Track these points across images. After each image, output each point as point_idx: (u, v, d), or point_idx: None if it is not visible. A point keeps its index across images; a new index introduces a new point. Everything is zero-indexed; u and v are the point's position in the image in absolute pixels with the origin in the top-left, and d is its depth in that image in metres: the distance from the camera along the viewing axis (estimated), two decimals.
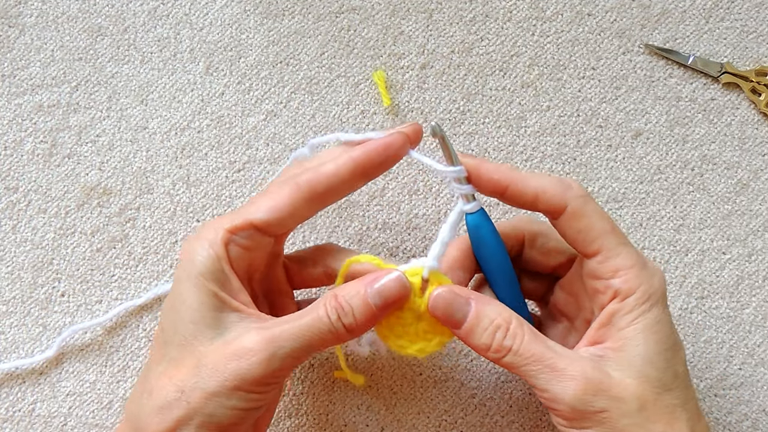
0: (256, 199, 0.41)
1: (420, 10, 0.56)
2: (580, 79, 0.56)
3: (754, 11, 0.57)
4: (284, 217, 0.40)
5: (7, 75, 0.55)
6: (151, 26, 0.56)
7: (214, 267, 0.39)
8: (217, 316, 0.39)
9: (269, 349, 0.38)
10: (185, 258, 0.40)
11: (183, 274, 0.40)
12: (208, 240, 0.40)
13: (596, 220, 0.40)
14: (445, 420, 0.51)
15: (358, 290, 0.39)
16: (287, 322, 0.39)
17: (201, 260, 0.40)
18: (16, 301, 0.53)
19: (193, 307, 0.39)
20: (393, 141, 0.41)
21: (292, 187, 0.40)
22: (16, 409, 0.51)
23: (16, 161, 0.54)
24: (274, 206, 0.40)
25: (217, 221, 0.41)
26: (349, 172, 0.40)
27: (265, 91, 0.56)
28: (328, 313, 0.39)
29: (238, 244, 0.40)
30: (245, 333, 0.39)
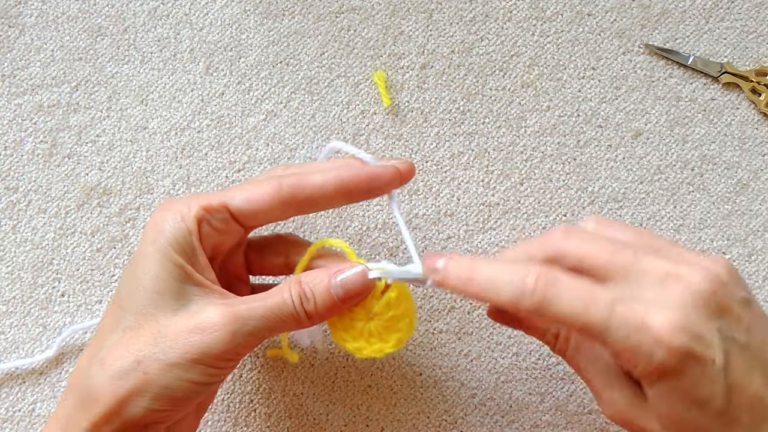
0: (236, 186, 0.41)
1: (420, 10, 0.56)
2: (580, 79, 0.56)
3: (754, 11, 0.57)
4: (259, 212, 0.40)
5: (7, 75, 0.55)
6: (151, 26, 0.56)
7: (184, 240, 0.39)
8: (182, 288, 0.39)
9: (233, 325, 0.38)
10: (153, 227, 0.40)
11: (149, 242, 0.40)
12: (180, 212, 0.40)
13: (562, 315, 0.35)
14: (445, 420, 0.51)
15: (321, 279, 0.40)
16: (253, 301, 0.39)
17: (171, 231, 0.39)
18: (16, 301, 0.53)
19: (159, 277, 0.39)
20: (383, 174, 0.41)
21: (274, 186, 0.40)
22: (16, 409, 0.51)
23: (16, 161, 0.54)
24: (252, 198, 0.40)
25: (191, 197, 0.41)
26: (333, 189, 0.40)
27: (265, 91, 0.56)
28: (291, 297, 0.39)
29: (210, 224, 0.40)
30: (209, 307, 0.39)
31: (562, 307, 0.35)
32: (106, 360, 0.38)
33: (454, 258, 0.38)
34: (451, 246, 0.54)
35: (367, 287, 0.40)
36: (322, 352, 0.52)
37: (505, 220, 0.54)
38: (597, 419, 0.52)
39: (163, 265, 0.39)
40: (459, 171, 0.55)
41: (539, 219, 0.54)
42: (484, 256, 0.43)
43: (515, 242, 0.51)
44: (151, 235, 0.40)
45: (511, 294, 0.35)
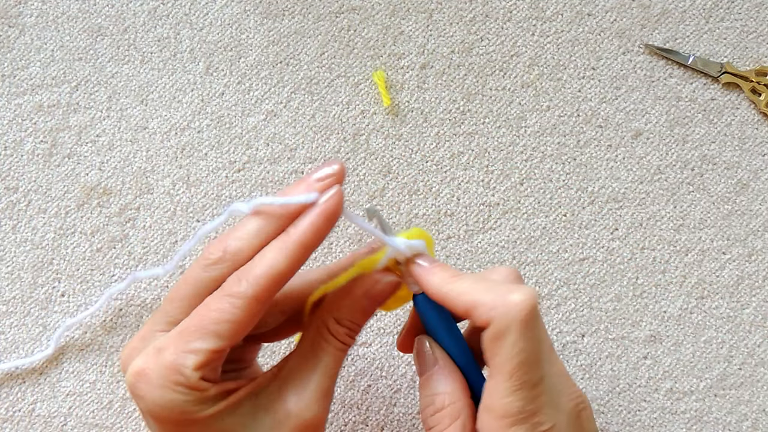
0: (205, 316, 0.36)
1: (420, 10, 0.56)
2: (580, 79, 0.56)
3: (754, 11, 0.57)
4: (245, 329, 0.37)
5: (7, 75, 0.55)
6: (151, 26, 0.56)
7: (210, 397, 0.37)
8: (243, 415, 0.37)
9: (326, 404, 0.39)
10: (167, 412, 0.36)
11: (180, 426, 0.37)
12: (183, 386, 0.36)
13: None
14: None
15: (356, 307, 0.39)
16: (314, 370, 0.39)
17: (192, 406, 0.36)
18: (16, 301, 0.53)
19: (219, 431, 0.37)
20: (335, 205, 0.37)
21: (247, 303, 0.36)
22: (16, 409, 0.51)
23: (16, 161, 0.54)
24: (234, 329, 0.36)
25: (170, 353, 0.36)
26: (303, 257, 0.37)
27: (265, 91, 0.56)
28: (342, 342, 0.39)
29: (211, 369, 0.37)
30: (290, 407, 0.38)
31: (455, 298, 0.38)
32: None
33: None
34: (451, 246, 0.54)
35: (398, 285, 0.40)
36: None
37: (505, 220, 0.54)
38: (597, 419, 0.52)
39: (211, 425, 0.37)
40: (459, 171, 0.55)
41: (539, 219, 0.54)
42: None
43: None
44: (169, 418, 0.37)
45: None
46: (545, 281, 0.53)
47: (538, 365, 0.36)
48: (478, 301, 0.36)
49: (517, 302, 0.36)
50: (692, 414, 0.52)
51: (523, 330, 0.35)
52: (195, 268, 0.38)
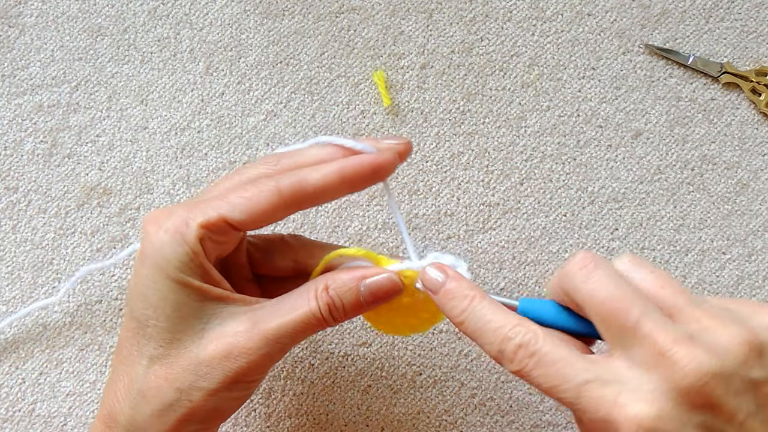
0: (232, 192, 0.39)
1: (420, 10, 0.56)
2: (580, 79, 0.56)
3: (754, 11, 0.57)
4: (260, 220, 0.39)
5: (7, 75, 0.55)
6: (151, 26, 0.56)
7: (192, 262, 0.38)
8: (203, 308, 0.39)
9: (267, 347, 0.38)
10: (154, 251, 0.38)
11: (156, 268, 0.38)
12: (180, 234, 0.38)
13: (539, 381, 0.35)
14: (445, 420, 0.51)
15: (350, 287, 0.39)
16: (278, 314, 0.39)
17: (178, 257, 0.38)
18: (16, 301, 0.53)
19: (179, 303, 0.38)
20: (385, 163, 0.40)
21: (273, 192, 0.39)
22: (16, 409, 0.51)
23: (16, 161, 0.54)
24: (251, 208, 0.39)
25: (185, 210, 0.39)
26: (336, 186, 0.39)
27: (265, 91, 0.56)
28: (320, 307, 0.39)
29: (209, 239, 0.39)
30: (238, 327, 0.38)
31: (538, 380, 0.35)
32: (146, 394, 0.38)
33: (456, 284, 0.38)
34: (451, 246, 0.54)
35: (397, 290, 0.40)
36: (322, 352, 0.52)
37: (505, 220, 0.54)
38: None
39: (180, 290, 0.38)
40: (459, 171, 0.55)
41: (539, 219, 0.54)
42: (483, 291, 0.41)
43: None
44: (154, 260, 0.38)
45: (494, 353, 0.36)
46: (545, 281, 0.53)
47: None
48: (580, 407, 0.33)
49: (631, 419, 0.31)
50: None
51: None
52: (247, 166, 0.42)
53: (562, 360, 0.34)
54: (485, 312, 0.37)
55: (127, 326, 0.40)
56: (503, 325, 0.36)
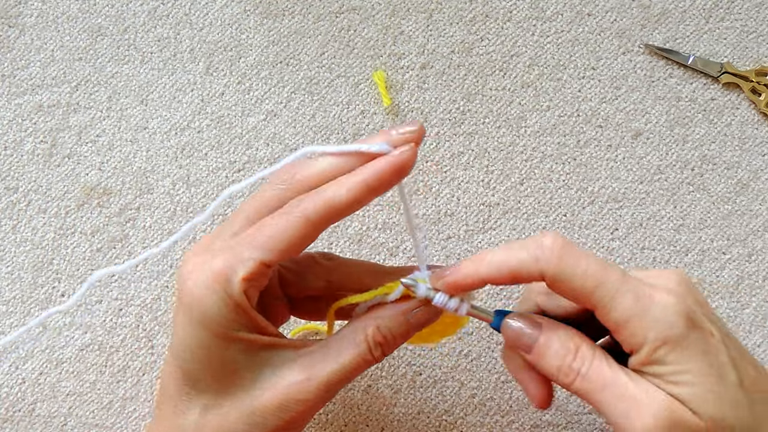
0: (263, 232, 0.38)
1: (420, 10, 0.56)
2: (580, 79, 0.56)
3: (754, 11, 0.57)
4: (296, 251, 0.38)
5: (7, 75, 0.55)
6: (151, 26, 0.56)
7: (239, 316, 0.38)
8: (253, 360, 0.38)
9: (321, 395, 0.38)
10: (199, 308, 0.37)
11: (202, 327, 0.38)
12: (224, 290, 0.37)
13: (578, 277, 0.36)
14: (445, 420, 0.51)
15: (400, 322, 0.39)
16: (332, 361, 0.39)
17: (224, 314, 0.37)
18: (16, 301, 0.53)
19: (229, 358, 0.38)
20: (406, 160, 0.38)
21: (301, 222, 0.37)
22: (16, 409, 0.51)
23: (16, 161, 0.54)
24: (285, 244, 0.37)
25: (223, 259, 0.38)
26: (364, 197, 0.38)
27: (265, 91, 0.56)
28: (371, 349, 0.39)
29: (253, 287, 0.38)
30: (292, 377, 0.38)
31: (580, 271, 0.35)
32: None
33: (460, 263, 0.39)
34: (451, 246, 0.54)
35: (438, 313, 0.40)
36: None
37: (505, 220, 0.54)
38: (597, 419, 0.52)
39: (228, 346, 0.38)
40: (459, 171, 0.55)
41: (539, 219, 0.54)
42: None
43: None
44: (199, 317, 0.37)
45: (529, 261, 0.36)
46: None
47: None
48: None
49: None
50: None
51: None
52: (263, 188, 0.40)
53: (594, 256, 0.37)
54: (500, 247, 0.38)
55: (173, 374, 0.40)
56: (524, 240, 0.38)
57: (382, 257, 0.53)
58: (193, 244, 0.51)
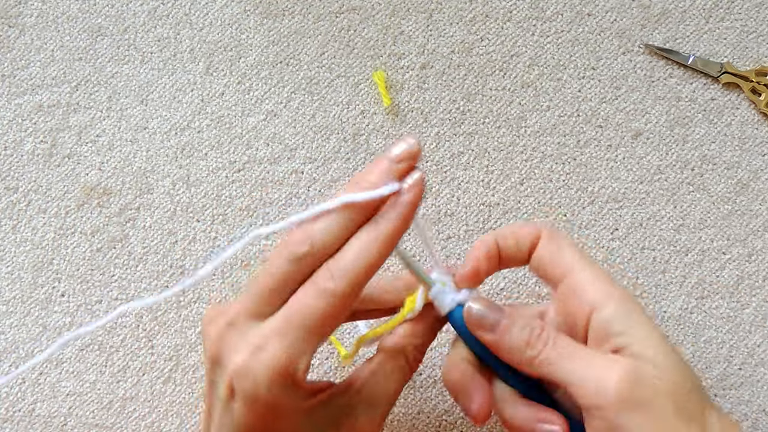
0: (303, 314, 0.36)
1: (420, 10, 0.56)
2: (580, 79, 0.56)
3: (754, 11, 0.57)
4: (342, 317, 0.38)
5: (7, 75, 0.55)
6: (151, 26, 0.56)
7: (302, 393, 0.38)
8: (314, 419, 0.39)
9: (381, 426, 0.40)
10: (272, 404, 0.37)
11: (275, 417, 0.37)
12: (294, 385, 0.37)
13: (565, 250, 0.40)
14: (445, 420, 0.51)
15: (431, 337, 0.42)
16: (383, 393, 0.40)
17: (294, 399, 0.38)
18: (16, 301, 0.53)
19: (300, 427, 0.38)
20: (418, 195, 0.39)
21: (338, 300, 0.36)
22: (16, 409, 0.51)
23: (16, 161, 0.54)
24: (326, 326, 0.37)
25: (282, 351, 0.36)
26: (391, 249, 0.37)
27: (265, 91, 0.56)
28: (412, 369, 0.41)
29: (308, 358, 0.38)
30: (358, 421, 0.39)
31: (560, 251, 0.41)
32: None
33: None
34: (451, 246, 0.54)
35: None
36: (322, 352, 0.52)
37: (505, 220, 0.54)
38: None
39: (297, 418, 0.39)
40: (459, 171, 0.55)
41: (539, 219, 0.54)
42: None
43: None
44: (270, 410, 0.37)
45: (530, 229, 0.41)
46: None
47: None
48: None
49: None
50: None
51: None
52: (280, 259, 0.37)
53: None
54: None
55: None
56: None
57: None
58: None
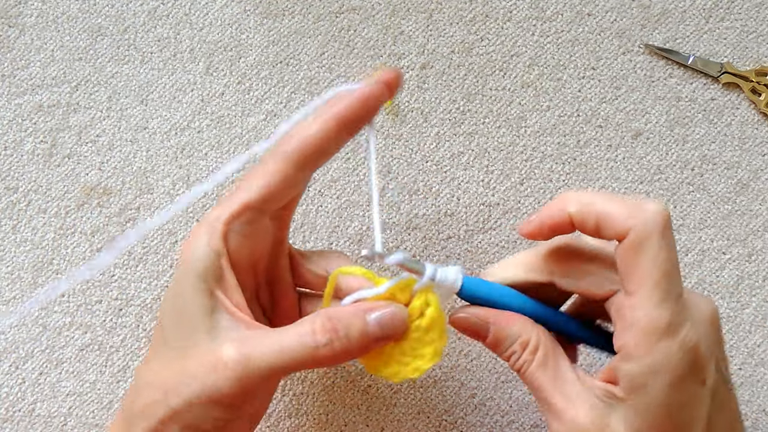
0: (247, 178, 0.40)
1: (420, 10, 0.56)
2: (580, 79, 0.56)
3: (754, 11, 0.57)
4: (278, 190, 0.39)
5: (7, 75, 0.55)
6: (151, 26, 0.56)
7: (212, 265, 0.38)
8: (211, 318, 0.38)
9: (242, 369, 0.36)
10: (184, 257, 0.39)
11: (181, 273, 0.39)
12: (206, 235, 0.39)
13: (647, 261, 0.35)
14: (445, 420, 0.51)
15: (357, 316, 0.37)
16: (269, 337, 0.37)
17: (199, 259, 0.38)
18: (16, 301, 0.53)
19: (191, 310, 0.38)
20: (372, 91, 0.40)
21: (281, 157, 0.39)
22: (16, 409, 0.51)
23: (16, 161, 0.54)
24: (266, 182, 0.39)
25: (214, 212, 0.39)
26: (335, 129, 0.39)
27: (265, 91, 0.56)
28: (317, 335, 0.36)
29: (238, 233, 0.39)
30: (226, 344, 0.37)
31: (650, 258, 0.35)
32: (141, 389, 0.38)
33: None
34: (451, 246, 0.54)
35: (404, 326, 0.38)
36: None
37: (505, 220, 0.54)
38: None
39: (194, 297, 0.38)
40: (459, 171, 0.55)
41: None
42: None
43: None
44: (182, 265, 0.39)
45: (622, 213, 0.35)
46: None
47: (679, 275, 0.35)
48: (611, 213, 0.35)
49: (654, 211, 0.35)
50: None
51: (665, 238, 0.34)
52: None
53: None
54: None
55: (155, 329, 0.41)
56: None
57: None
58: None
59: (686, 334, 0.34)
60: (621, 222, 0.35)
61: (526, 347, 0.38)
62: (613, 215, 0.35)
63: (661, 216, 0.35)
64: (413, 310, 0.38)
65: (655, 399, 0.34)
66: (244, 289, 0.40)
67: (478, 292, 0.39)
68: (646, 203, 0.35)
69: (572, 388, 0.37)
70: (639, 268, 0.34)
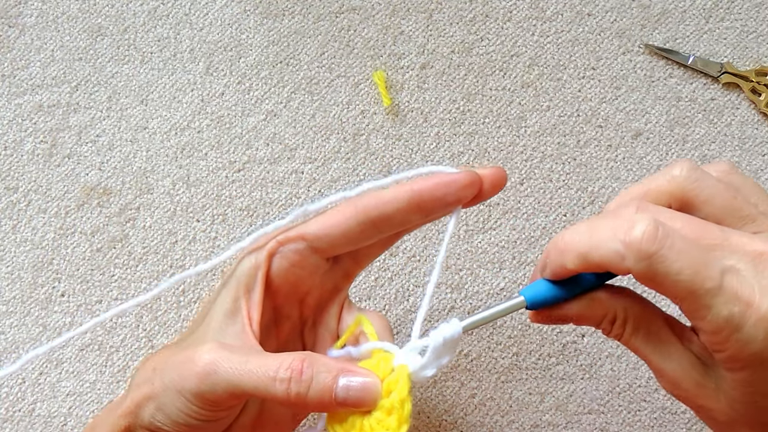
0: (319, 215, 0.40)
1: (420, 10, 0.56)
2: (580, 79, 0.56)
3: (754, 11, 0.57)
4: (335, 235, 0.39)
5: (7, 75, 0.55)
6: (151, 26, 0.56)
7: (248, 273, 0.39)
8: (222, 320, 0.39)
9: (206, 375, 0.35)
10: (236, 260, 0.41)
11: (227, 274, 0.41)
12: (257, 249, 0.40)
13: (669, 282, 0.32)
14: (445, 420, 0.51)
15: (331, 372, 0.35)
16: (244, 355, 0.36)
17: (241, 264, 0.39)
18: (16, 301, 0.53)
19: (214, 308, 0.39)
20: (459, 179, 0.38)
21: (348, 207, 0.39)
22: (16, 409, 0.51)
23: (16, 161, 0.54)
24: (327, 223, 0.39)
25: (276, 234, 0.40)
26: (406, 201, 0.38)
27: (265, 91, 0.56)
28: (281, 369, 0.35)
29: (284, 258, 0.39)
30: (210, 344, 0.37)
31: (672, 268, 0.31)
32: (147, 364, 0.40)
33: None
34: (451, 246, 0.54)
35: (373, 402, 0.35)
36: None
37: (505, 220, 0.54)
38: (597, 419, 0.52)
39: (221, 296, 0.39)
40: None
41: (539, 219, 0.54)
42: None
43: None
44: (232, 266, 0.41)
45: (614, 252, 0.32)
46: None
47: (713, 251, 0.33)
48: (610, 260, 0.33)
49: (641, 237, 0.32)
50: (692, 414, 0.52)
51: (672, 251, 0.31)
52: None
53: (694, 247, 0.32)
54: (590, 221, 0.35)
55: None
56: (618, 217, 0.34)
57: (382, 257, 0.53)
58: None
59: None
60: (619, 264, 0.33)
61: (614, 322, 0.36)
62: (612, 261, 0.33)
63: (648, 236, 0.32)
64: (385, 387, 0.36)
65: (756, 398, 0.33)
66: (284, 318, 0.41)
67: (540, 297, 0.37)
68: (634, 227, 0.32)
69: (670, 348, 0.36)
70: (667, 293, 0.33)
